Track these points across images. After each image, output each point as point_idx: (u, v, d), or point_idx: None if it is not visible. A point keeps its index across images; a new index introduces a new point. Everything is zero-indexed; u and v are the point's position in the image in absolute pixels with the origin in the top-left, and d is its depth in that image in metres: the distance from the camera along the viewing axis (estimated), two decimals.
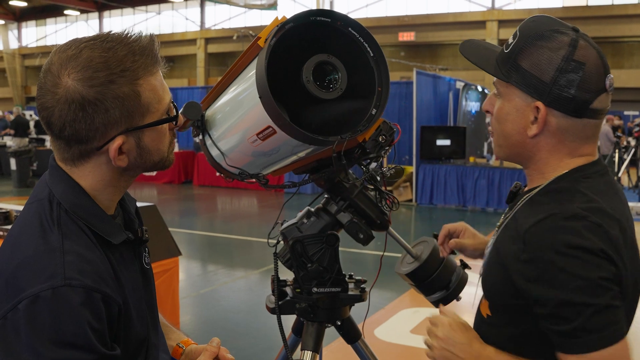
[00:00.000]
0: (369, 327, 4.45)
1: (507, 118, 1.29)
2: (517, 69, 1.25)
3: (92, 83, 1.07)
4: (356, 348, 1.92)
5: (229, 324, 4.83)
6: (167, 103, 1.18)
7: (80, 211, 1.13)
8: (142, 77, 1.11)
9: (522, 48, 1.25)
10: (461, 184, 11.12)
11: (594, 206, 1.18)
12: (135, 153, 1.15)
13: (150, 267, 1.32)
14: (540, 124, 1.24)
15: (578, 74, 1.19)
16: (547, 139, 1.26)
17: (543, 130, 1.25)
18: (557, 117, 1.23)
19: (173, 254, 4.31)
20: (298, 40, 1.56)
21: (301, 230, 1.74)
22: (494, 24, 26.96)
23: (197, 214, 11.23)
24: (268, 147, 1.59)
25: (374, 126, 1.63)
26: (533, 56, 1.23)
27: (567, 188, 1.23)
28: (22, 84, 38.75)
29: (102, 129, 1.09)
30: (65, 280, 1.01)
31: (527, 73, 1.23)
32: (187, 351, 1.42)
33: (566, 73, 1.20)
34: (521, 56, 1.24)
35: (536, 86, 1.22)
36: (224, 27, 32.35)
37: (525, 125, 1.26)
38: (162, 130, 1.19)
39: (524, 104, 1.25)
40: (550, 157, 1.27)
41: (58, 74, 1.08)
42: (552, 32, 1.23)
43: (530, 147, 1.29)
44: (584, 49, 1.21)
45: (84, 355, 1.00)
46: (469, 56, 1.37)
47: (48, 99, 1.08)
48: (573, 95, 1.20)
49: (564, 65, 1.20)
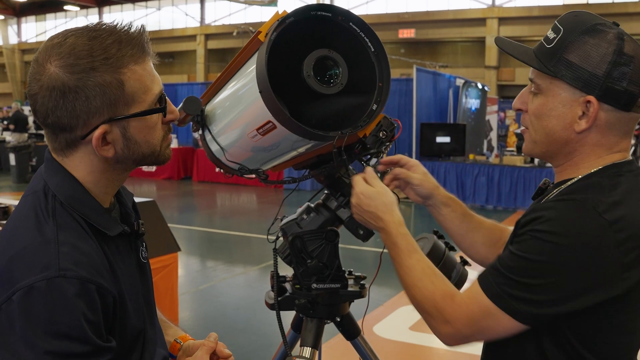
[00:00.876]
0: (368, 324, 4.45)
1: (550, 114, 1.28)
2: (565, 63, 1.24)
3: (74, 70, 1.06)
4: (355, 344, 1.91)
5: (228, 320, 4.83)
6: (156, 94, 1.15)
7: (75, 203, 1.12)
8: (127, 66, 1.09)
9: (569, 42, 1.24)
10: (461, 181, 11.13)
11: (617, 203, 1.18)
12: (121, 144, 1.14)
13: (147, 261, 1.31)
14: (591, 118, 1.23)
15: (629, 67, 1.20)
16: (593, 134, 1.26)
17: (591, 126, 1.25)
18: (606, 111, 1.23)
19: (172, 250, 4.31)
20: (299, 34, 1.55)
21: (301, 226, 1.74)
22: (494, 21, 26.94)
23: (196, 209, 11.23)
24: (268, 142, 1.59)
25: (374, 122, 1.62)
26: (582, 50, 1.22)
27: (599, 182, 1.23)
28: (22, 79, 38.69)
29: (83, 117, 1.08)
30: (59, 272, 1.01)
31: (577, 67, 1.22)
32: (185, 347, 1.41)
33: (619, 66, 1.20)
34: (568, 50, 1.23)
35: (587, 80, 1.22)
36: (224, 23, 32.32)
37: (572, 120, 1.25)
38: (151, 121, 1.16)
39: (572, 98, 1.25)
40: (592, 152, 1.27)
41: (43, 61, 1.08)
42: (599, 27, 1.23)
43: (574, 143, 1.28)
44: (631, 43, 1.22)
45: (78, 347, 1.00)
46: (508, 50, 1.35)
47: (33, 86, 1.09)
48: (625, 88, 1.20)
49: (617, 59, 1.20)
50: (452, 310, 1.28)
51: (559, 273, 1.15)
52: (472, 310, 1.25)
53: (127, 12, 35.34)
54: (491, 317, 1.22)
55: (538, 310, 1.18)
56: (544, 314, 1.18)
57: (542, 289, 1.17)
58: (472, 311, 1.25)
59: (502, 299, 1.20)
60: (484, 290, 1.22)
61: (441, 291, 1.33)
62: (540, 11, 25.39)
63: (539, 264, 1.16)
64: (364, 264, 6.13)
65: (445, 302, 1.30)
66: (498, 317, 1.21)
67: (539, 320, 1.20)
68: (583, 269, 1.15)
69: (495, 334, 1.26)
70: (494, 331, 1.24)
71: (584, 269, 1.15)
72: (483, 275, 1.26)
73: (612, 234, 1.14)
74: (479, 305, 1.23)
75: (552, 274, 1.15)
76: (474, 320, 1.25)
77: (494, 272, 1.23)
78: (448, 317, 1.28)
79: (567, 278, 1.15)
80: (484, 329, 1.25)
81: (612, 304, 1.18)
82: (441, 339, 1.33)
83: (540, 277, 1.16)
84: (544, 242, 1.16)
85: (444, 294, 1.32)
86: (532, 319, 1.20)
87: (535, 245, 1.17)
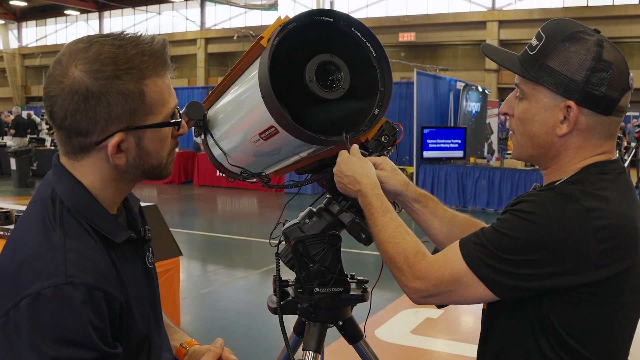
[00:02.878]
0: (370, 328, 4.45)
1: (534, 119, 1.33)
2: (546, 70, 1.28)
3: (98, 76, 1.07)
4: (358, 348, 1.91)
5: (229, 324, 4.83)
6: (172, 108, 1.18)
7: (82, 210, 1.13)
8: (149, 78, 1.12)
9: (551, 49, 1.28)
10: (461, 185, 11.12)
11: (596, 195, 1.23)
12: (134, 153, 1.15)
13: (153, 266, 1.32)
14: (572, 122, 1.28)
15: (608, 72, 1.25)
16: (575, 138, 1.30)
17: (572, 129, 1.29)
18: (586, 115, 1.28)
19: (174, 254, 4.30)
20: (301, 40, 1.56)
21: (303, 230, 1.74)
22: (494, 24, 26.97)
23: (197, 214, 11.23)
24: (270, 147, 1.59)
25: (376, 126, 1.63)
26: (562, 56, 1.27)
27: (581, 179, 1.28)
28: (22, 83, 38.74)
29: (102, 122, 1.09)
30: (66, 279, 1.01)
31: (558, 73, 1.27)
32: (191, 352, 1.41)
33: (598, 72, 1.25)
34: (550, 57, 1.28)
35: (567, 85, 1.26)
36: (224, 27, 32.35)
37: (554, 124, 1.30)
38: (164, 134, 1.19)
39: (553, 103, 1.29)
40: (575, 155, 1.32)
41: (67, 64, 1.09)
42: (580, 33, 1.27)
43: (557, 147, 1.32)
44: (610, 49, 1.26)
45: (85, 354, 1.00)
46: (493, 57, 1.41)
47: (54, 87, 1.09)
48: (604, 93, 1.25)
49: (595, 65, 1.25)
50: (423, 268, 1.34)
51: (533, 251, 1.21)
52: (446, 271, 1.31)
53: (127, 16, 35.38)
54: (464, 281, 1.28)
55: (510, 282, 1.24)
56: (515, 287, 1.24)
57: (516, 264, 1.22)
58: (445, 272, 1.31)
59: (478, 266, 1.26)
60: (463, 255, 1.28)
61: (414, 248, 1.38)
62: (541, 14, 25.42)
63: (515, 240, 1.23)
64: (365, 268, 6.13)
65: (417, 258, 1.36)
66: (471, 282, 1.27)
67: (509, 293, 1.26)
68: (557, 250, 1.20)
69: (462, 298, 1.32)
70: (462, 295, 1.31)
71: (558, 250, 1.20)
72: (464, 241, 1.31)
73: (588, 221, 1.19)
74: (454, 268, 1.29)
75: (527, 251, 1.21)
76: (445, 281, 1.31)
77: (475, 239, 1.29)
78: (419, 274, 1.34)
79: (541, 257, 1.21)
80: (453, 292, 1.31)
81: (591, 294, 1.22)
82: (409, 294, 1.39)
83: (515, 253, 1.22)
84: (522, 220, 1.23)
85: (417, 251, 1.38)
86: (503, 290, 1.25)
87: (514, 223, 1.24)
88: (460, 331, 4.56)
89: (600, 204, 1.22)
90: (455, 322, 4.80)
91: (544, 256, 1.20)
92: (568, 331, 1.25)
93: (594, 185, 1.25)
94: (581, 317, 1.25)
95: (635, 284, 1.27)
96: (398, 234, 1.43)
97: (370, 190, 1.52)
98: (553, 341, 1.26)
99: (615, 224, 1.21)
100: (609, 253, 1.20)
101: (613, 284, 1.23)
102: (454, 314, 4.85)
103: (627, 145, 14.21)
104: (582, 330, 1.25)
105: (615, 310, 1.27)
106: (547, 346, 1.27)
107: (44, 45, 37.81)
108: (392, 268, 1.42)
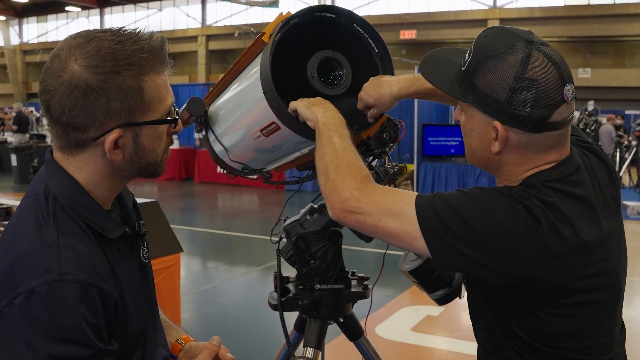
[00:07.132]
0: (370, 325, 4.45)
1: (471, 134, 1.30)
2: (473, 89, 1.24)
3: (98, 71, 1.07)
4: (358, 345, 1.91)
5: (230, 321, 4.83)
6: (169, 105, 1.18)
7: (76, 206, 1.12)
8: (147, 75, 1.11)
9: (475, 68, 1.23)
10: (462, 182, 11.12)
11: (546, 198, 1.20)
12: (130, 150, 1.15)
13: (148, 261, 1.31)
14: (502, 141, 1.24)
15: (531, 92, 1.18)
16: (510, 154, 1.26)
17: (505, 147, 1.25)
18: (517, 133, 1.23)
19: (175, 251, 4.31)
20: (303, 36, 1.55)
21: (304, 227, 1.74)
22: (495, 22, 26.88)
23: (197, 210, 11.23)
24: (272, 143, 1.59)
25: (378, 123, 1.63)
26: (487, 76, 1.21)
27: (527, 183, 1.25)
28: (23, 80, 38.73)
29: (100, 118, 1.09)
30: (60, 276, 1.01)
31: (483, 93, 1.22)
32: (186, 348, 1.41)
33: (519, 92, 1.18)
34: (475, 76, 1.23)
35: (492, 106, 1.21)
36: (225, 24, 32.35)
37: (489, 141, 1.26)
38: (161, 131, 1.18)
39: (484, 122, 1.25)
40: (516, 169, 1.28)
41: (66, 59, 1.08)
42: (504, 49, 1.21)
43: (496, 162, 1.29)
44: (537, 64, 1.18)
45: (80, 350, 1.00)
46: (425, 73, 1.38)
47: (52, 82, 1.08)
48: (529, 113, 1.19)
49: (516, 85, 1.18)
50: (370, 185, 1.30)
51: (468, 229, 1.18)
52: (391, 198, 1.27)
53: (128, 13, 35.38)
54: (402, 219, 1.23)
55: (445, 246, 1.20)
56: (446, 254, 1.21)
57: (454, 235, 1.19)
58: (390, 199, 1.27)
59: (425, 207, 1.23)
60: (416, 198, 1.25)
61: (366, 171, 1.34)
62: (542, 12, 25.37)
63: (457, 215, 1.19)
64: (366, 265, 6.13)
65: (367, 178, 1.32)
66: (409, 223, 1.23)
67: (442, 258, 1.22)
68: (491, 234, 1.18)
69: (385, 230, 1.26)
70: (387, 227, 1.26)
71: (492, 234, 1.18)
72: (420, 196, 1.27)
73: (526, 214, 1.17)
74: (401, 200, 1.26)
75: (464, 227, 1.19)
76: (383, 205, 1.26)
77: (430, 198, 1.25)
78: (361, 187, 1.30)
79: (475, 237, 1.18)
80: (383, 220, 1.26)
81: (542, 297, 1.21)
82: (335, 202, 1.32)
83: (455, 225, 1.19)
84: (466, 195, 1.22)
85: (368, 174, 1.34)
86: (436, 247, 1.22)
87: (460, 199, 1.22)
88: (461, 329, 4.56)
89: (546, 198, 1.20)
90: (455, 320, 4.80)
91: (478, 236, 1.20)
92: (531, 335, 1.25)
93: (541, 190, 1.22)
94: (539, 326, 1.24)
95: None
96: (355, 155, 1.37)
97: (322, 113, 1.44)
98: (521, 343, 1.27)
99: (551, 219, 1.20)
100: (548, 248, 1.19)
101: (560, 292, 1.21)
102: (454, 311, 4.85)
103: (627, 143, 14.19)
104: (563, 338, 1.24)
105: (588, 320, 1.24)
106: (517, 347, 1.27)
107: (45, 42, 37.78)
108: (330, 172, 1.35)
